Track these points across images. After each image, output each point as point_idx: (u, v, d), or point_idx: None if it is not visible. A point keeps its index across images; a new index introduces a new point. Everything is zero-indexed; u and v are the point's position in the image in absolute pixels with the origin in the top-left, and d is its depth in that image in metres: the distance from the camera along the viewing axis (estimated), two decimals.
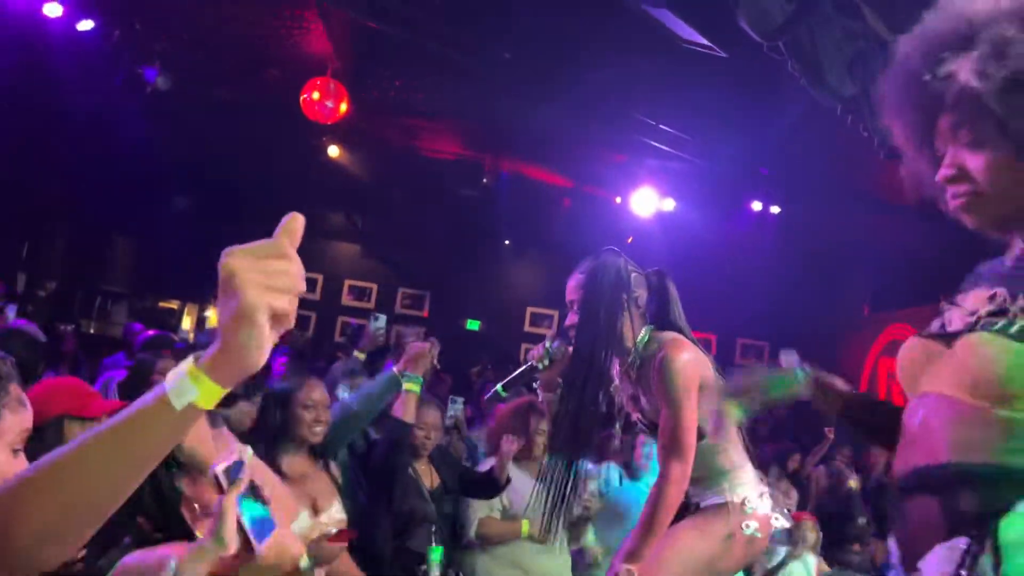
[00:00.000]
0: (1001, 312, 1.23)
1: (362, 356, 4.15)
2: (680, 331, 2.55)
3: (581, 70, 6.16)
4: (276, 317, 0.85)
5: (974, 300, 1.31)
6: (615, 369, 2.58)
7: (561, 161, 8.82)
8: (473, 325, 11.39)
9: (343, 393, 4.22)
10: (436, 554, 3.07)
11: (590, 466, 4.16)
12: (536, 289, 11.50)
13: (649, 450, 4.10)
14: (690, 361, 2.41)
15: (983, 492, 1.18)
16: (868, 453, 6.49)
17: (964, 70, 1.23)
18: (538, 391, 2.93)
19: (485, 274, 11.22)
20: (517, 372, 2.69)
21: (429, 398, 3.48)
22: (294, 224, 0.87)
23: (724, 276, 9.33)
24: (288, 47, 6.91)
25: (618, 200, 9.37)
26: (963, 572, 1.15)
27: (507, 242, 11.11)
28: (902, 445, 1.33)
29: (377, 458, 3.20)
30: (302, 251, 0.87)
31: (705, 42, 4.70)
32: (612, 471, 4.11)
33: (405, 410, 3.14)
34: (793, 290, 9.18)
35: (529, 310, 11.57)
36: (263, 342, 0.85)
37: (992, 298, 1.27)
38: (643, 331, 2.55)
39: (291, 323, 0.86)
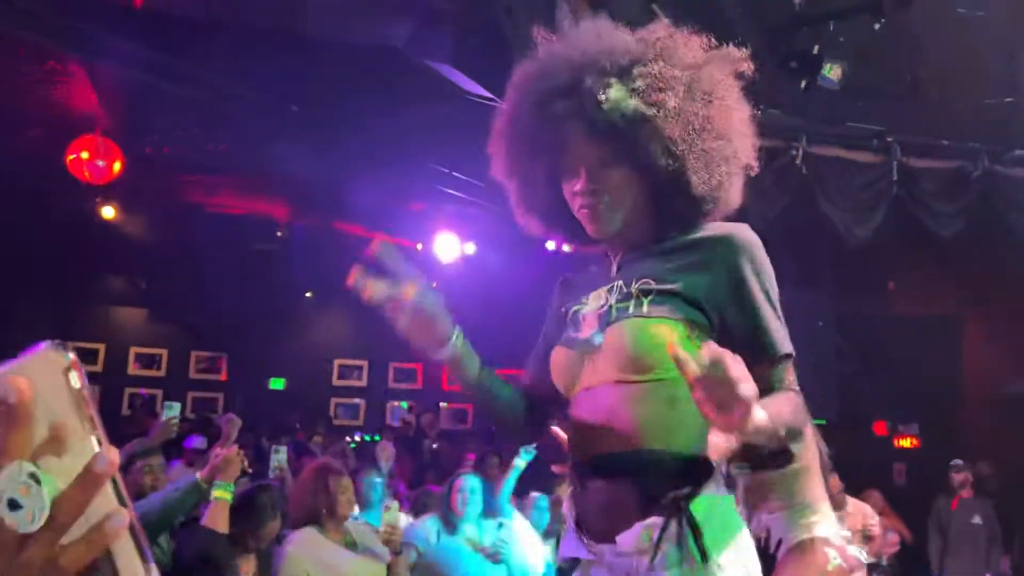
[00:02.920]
0: (626, 298, 1.47)
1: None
2: None
3: (372, 120, 6.18)
4: None
5: (596, 298, 1.54)
6: None
7: (358, 211, 8.75)
8: (277, 384, 10.94)
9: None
10: None
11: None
12: (343, 341, 11.25)
13: (465, 495, 4.03)
14: None
15: (672, 478, 1.38)
16: None
17: (585, 104, 1.46)
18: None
19: (287, 330, 10.85)
20: None
21: (273, 510, 3.21)
22: None
23: (525, 314, 9.60)
24: (51, 104, 6.39)
25: (419, 247, 9.43)
26: (663, 546, 1.34)
27: (308, 295, 10.82)
28: (580, 432, 1.50)
29: (179, 570, 2.91)
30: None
31: (488, 94, 4.88)
32: (430, 524, 4.01)
33: (215, 520, 2.88)
34: None
35: (337, 363, 11.30)
36: None
37: (611, 290, 1.51)
38: None
39: None
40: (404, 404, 10.96)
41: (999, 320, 7.91)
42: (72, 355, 0.53)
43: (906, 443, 8.66)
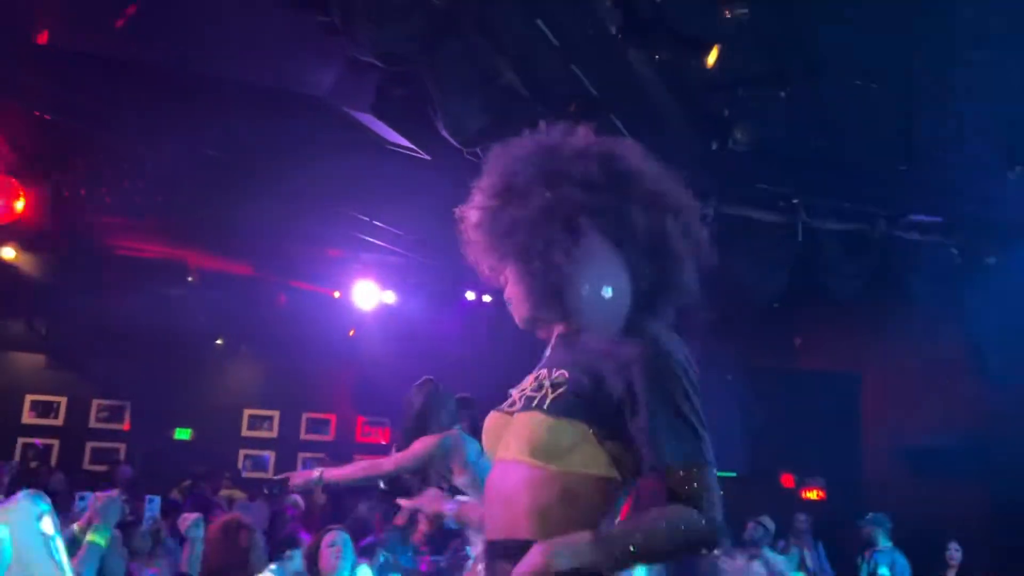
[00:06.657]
0: (539, 388, 1.58)
1: None
2: None
3: (290, 167, 6.11)
4: None
5: (528, 381, 1.65)
6: None
7: (274, 257, 8.61)
8: (183, 434, 10.52)
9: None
10: None
11: None
12: (254, 390, 10.92)
13: (337, 549, 3.93)
14: None
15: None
16: None
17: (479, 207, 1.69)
18: None
19: (195, 377, 10.47)
20: None
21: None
22: None
23: (444, 363, 9.53)
24: None
25: (337, 294, 9.32)
26: None
27: (219, 341, 10.50)
28: (489, 509, 1.58)
29: None
30: None
31: (410, 144, 4.91)
32: None
33: (82, 565, 2.60)
34: (505, 374, 9.62)
35: (247, 412, 10.94)
36: None
37: (536, 378, 1.62)
38: None
39: None
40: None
41: (895, 377, 8.26)
42: (46, 504, 0.67)
43: (812, 495, 8.87)
